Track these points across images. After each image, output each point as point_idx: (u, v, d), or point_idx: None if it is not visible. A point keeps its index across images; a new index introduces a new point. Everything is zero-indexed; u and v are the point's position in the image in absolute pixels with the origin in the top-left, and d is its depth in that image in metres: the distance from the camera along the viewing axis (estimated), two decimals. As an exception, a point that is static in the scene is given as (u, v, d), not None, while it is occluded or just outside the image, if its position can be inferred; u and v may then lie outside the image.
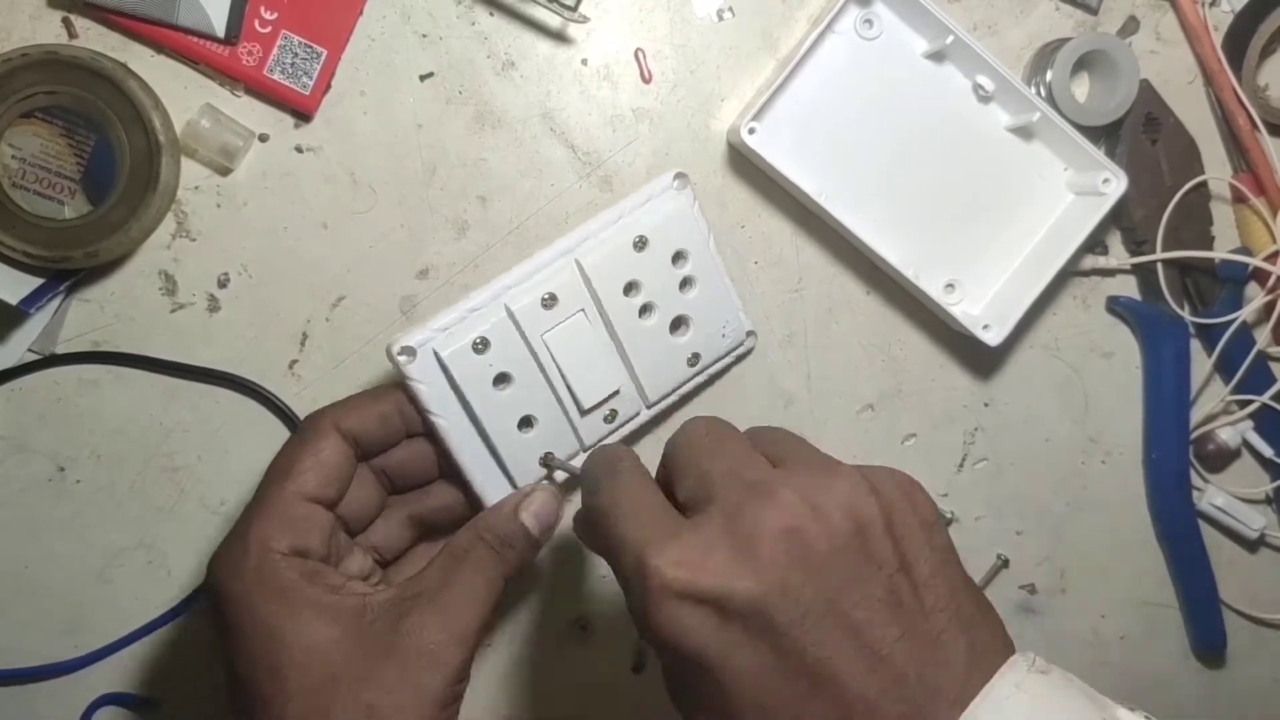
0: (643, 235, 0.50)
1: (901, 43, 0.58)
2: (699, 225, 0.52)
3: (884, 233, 0.57)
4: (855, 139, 0.58)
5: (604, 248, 0.50)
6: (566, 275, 0.49)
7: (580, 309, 0.49)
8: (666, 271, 0.51)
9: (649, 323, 0.51)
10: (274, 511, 0.45)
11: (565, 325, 0.49)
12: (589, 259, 0.49)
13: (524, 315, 0.49)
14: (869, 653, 0.35)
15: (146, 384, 0.57)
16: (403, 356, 0.47)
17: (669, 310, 0.52)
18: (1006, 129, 0.59)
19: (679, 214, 0.51)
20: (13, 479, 0.57)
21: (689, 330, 0.52)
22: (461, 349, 0.48)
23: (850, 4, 0.57)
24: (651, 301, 0.51)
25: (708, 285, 0.52)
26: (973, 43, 0.56)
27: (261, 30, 0.54)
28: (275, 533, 0.45)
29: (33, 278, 0.54)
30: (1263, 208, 0.61)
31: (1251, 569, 0.66)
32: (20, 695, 0.58)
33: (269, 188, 0.57)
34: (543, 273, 0.49)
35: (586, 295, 0.50)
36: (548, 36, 0.58)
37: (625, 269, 0.50)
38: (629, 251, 0.50)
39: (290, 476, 0.46)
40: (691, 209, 0.51)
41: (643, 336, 0.51)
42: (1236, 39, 0.61)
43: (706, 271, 0.52)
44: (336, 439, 0.47)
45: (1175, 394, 0.63)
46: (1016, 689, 0.35)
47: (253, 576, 0.44)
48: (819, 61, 0.57)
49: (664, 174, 0.52)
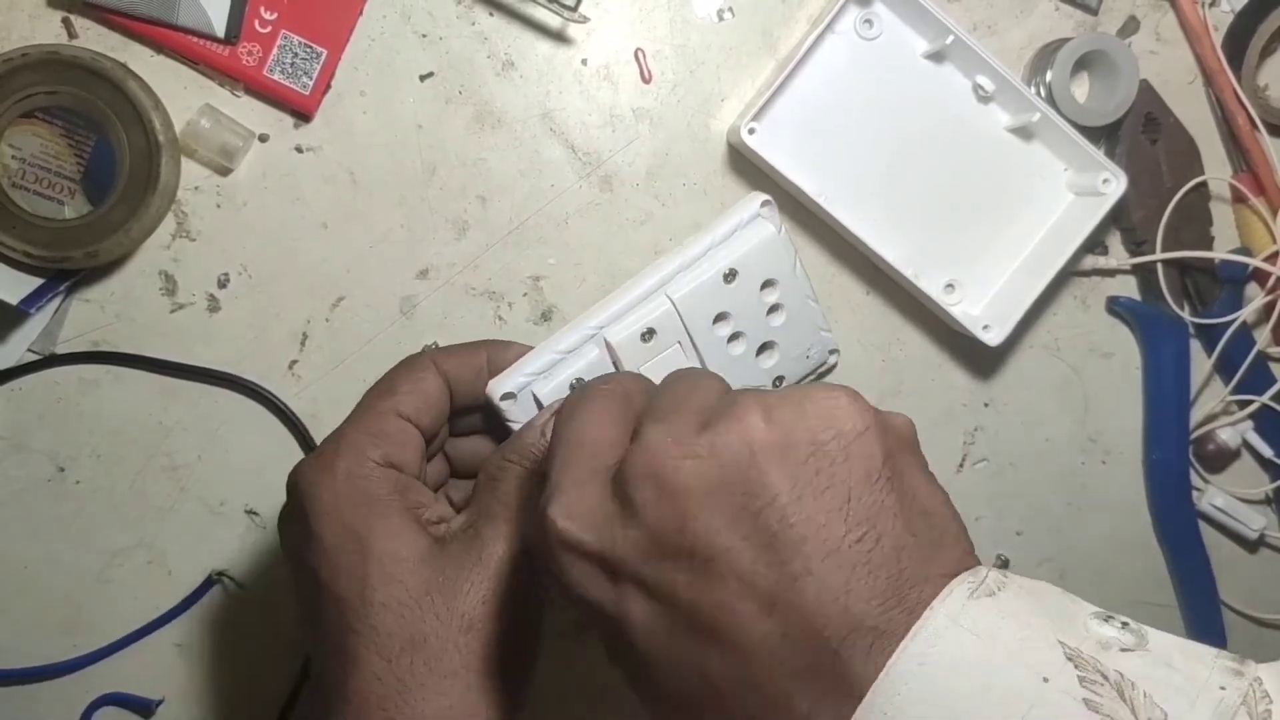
0: (733, 268, 0.50)
1: (901, 43, 0.58)
2: (787, 252, 0.52)
3: (883, 232, 0.57)
4: (855, 139, 0.58)
5: (695, 282, 0.50)
6: (662, 310, 0.50)
7: (676, 341, 0.50)
8: (755, 300, 0.52)
9: (737, 350, 0.52)
10: (371, 423, 0.45)
11: (662, 358, 0.50)
12: (680, 293, 0.50)
13: (623, 350, 0.49)
14: (762, 596, 0.31)
15: (146, 384, 0.57)
16: (504, 402, 0.48)
17: (757, 337, 0.53)
18: (1006, 129, 0.59)
19: (767, 243, 0.51)
20: (12, 479, 0.57)
21: (775, 354, 0.54)
22: (559, 391, 0.48)
23: (850, 4, 0.57)
24: (740, 330, 0.52)
25: (794, 310, 0.53)
26: (972, 43, 0.56)
27: (261, 30, 0.54)
28: (370, 442, 0.44)
29: (33, 278, 0.54)
30: (1262, 208, 0.61)
31: (1251, 569, 0.66)
32: (20, 695, 0.58)
33: (269, 188, 0.57)
34: (638, 309, 0.50)
35: (681, 328, 0.50)
36: (548, 36, 0.58)
37: (716, 301, 0.51)
38: (719, 284, 0.51)
39: (388, 395, 0.46)
40: (779, 236, 0.52)
41: (731, 364, 0.52)
42: (1236, 39, 0.61)
43: (793, 297, 0.53)
44: (435, 373, 0.47)
45: (1175, 394, 0.63)
46: (950, 623, 0.30)
47: (343, 483, 0.43)
48: (819, 62, 0.57)
49: (750, 199, 0.52)
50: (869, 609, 0.30)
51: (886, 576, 0.31)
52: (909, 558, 0.31)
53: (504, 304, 0.59)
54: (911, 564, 0.31)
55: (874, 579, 0.31)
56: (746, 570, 0.31)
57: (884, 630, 0.30)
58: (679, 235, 0.59)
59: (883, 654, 0.30)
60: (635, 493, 0.33)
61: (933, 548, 0.32)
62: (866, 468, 0.32)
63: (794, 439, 0.32)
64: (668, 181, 0.59)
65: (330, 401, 0.58)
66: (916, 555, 0.31)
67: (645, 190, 0.59)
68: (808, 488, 0.32)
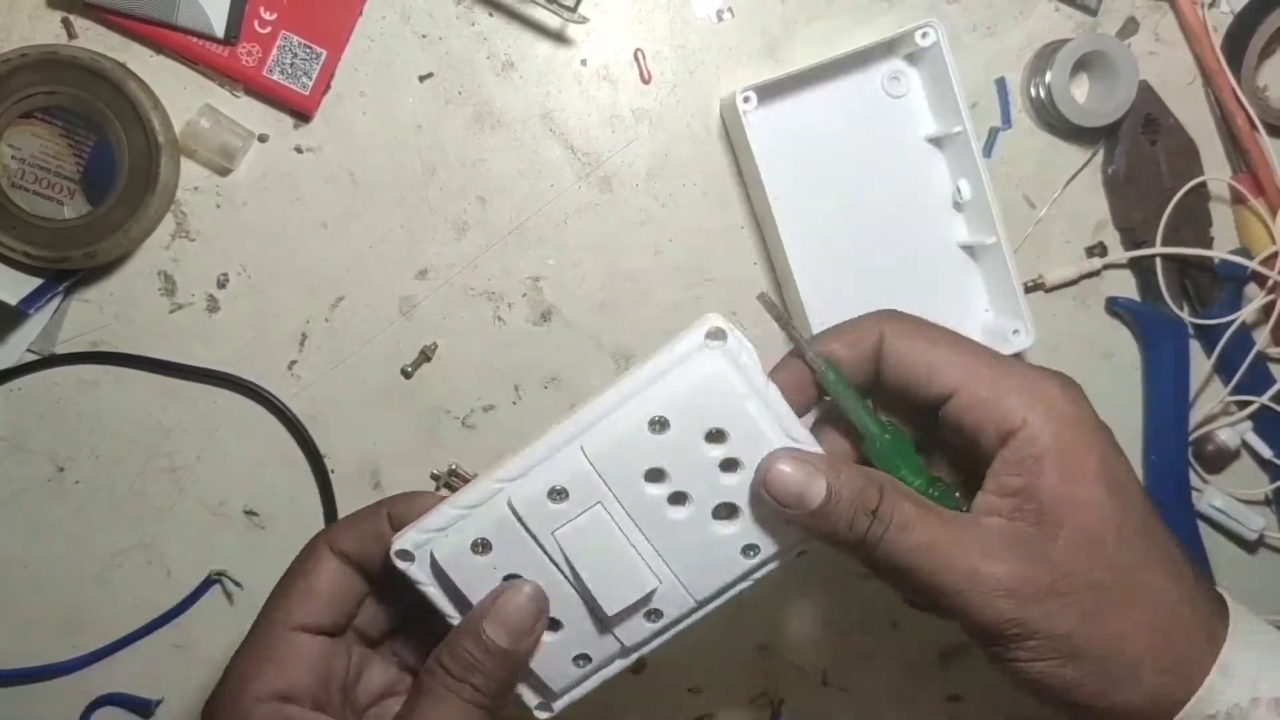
0: (661, 415, 0.40)
1: (914, 115, 0.59)
2: (738, 396, 0.40)
3: (809, 263, 0.57)
4: (829, 174, 0.58)
5: (613, 432, 0.41)
6: (574, 465, 0.41)
7: (596, 502, 0.41)
8: (698, 455, 0.41)
9: (681, 515, 0.42)
10: (256, 647, 0.42)
11: (579, 521, 0.41)
12: (594, 446, 0.41)
13: (529, 512, 0.41)
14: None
15: (146, 384, 0.57)
16: (402, 563, 0.42)
17: (708, 498, 0.41)
18: (960, 244, 0.60)
19: (710, 384, 0.40)
20: (12, 479, 0.57)
21: (739, 519, 0.42)
22: (459, 551, 0.42)
23: (898, 49, 0.58)
24: (683, 490, 0.41)
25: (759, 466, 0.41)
26: (974, 143, 0.56)
27: (261, 30, 0.54)
28: (254, 672, 0.41)
29: (32, 278, 0.54)
30: (1262, 208, 0.61)
31: (1251, 570, 0.66)
32: (20, 695, 0.58)
33: (268, 188, 0.57)
34: (547, 462, 0.41)
35: (601, 486, 0.41)
36: (547, 37, 0.58)
37: (643, 456, 0.41)
38: (645, 435, 0.40)
39: (278, 605, 0.42)
40: (728, 375, 0.40)
41: (675, 531, 0.42)
42: (1236, 40, 0.61)
43: (755, 451, 0.41)
44: (332, 561, 0.43)
45: (1174, 395, 0.63)
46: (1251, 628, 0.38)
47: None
48: (838, 88, 0.58)
49: (699, 323, 0.40)
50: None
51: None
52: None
53: (503, 304, 0.59)
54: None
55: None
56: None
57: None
58: (678, 236, 0.59)
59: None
60: None
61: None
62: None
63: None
64: (667, 182, 0.59)
65: (330, 401, 0.58)
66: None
67: (645, 191, 0.59)
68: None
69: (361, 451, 0.59)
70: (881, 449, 0.41)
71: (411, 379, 0.59)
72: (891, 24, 0.59)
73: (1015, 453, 0.39)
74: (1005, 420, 0.39)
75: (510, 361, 0.59)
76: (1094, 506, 0.38)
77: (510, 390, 0.59)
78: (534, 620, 0.41)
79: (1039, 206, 0.62)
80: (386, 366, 0.58)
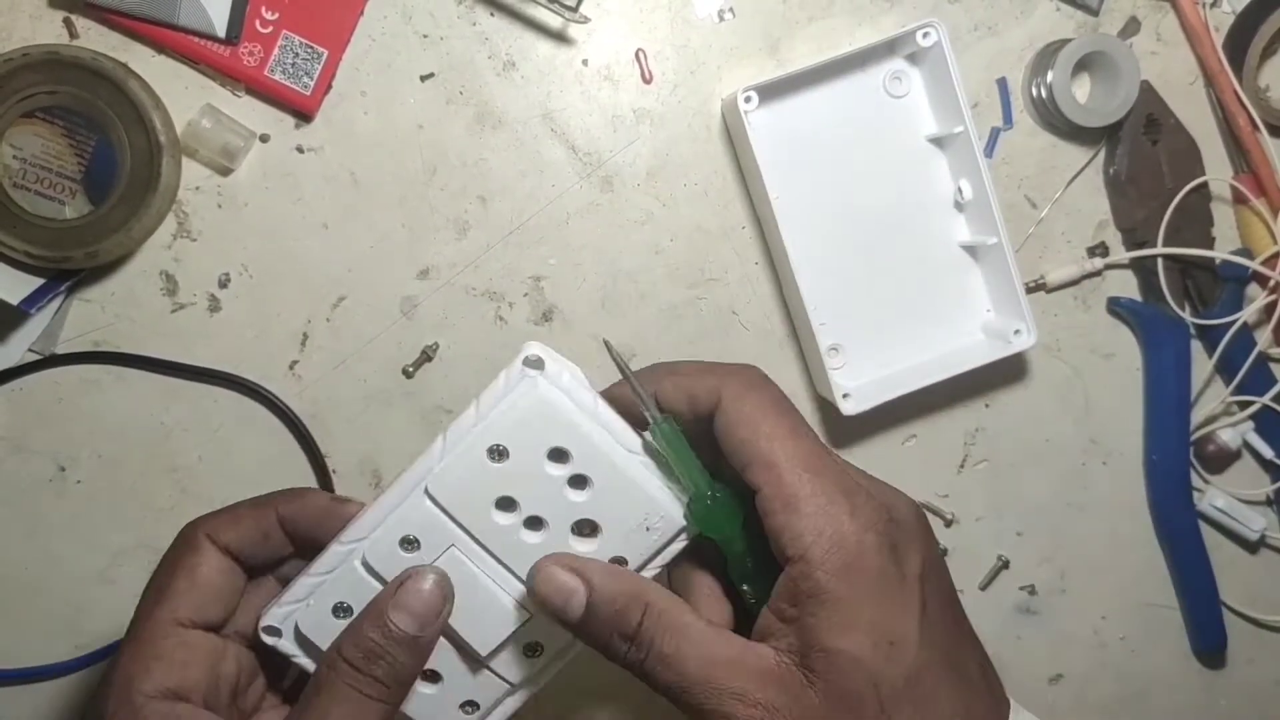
0: (497, 444, 0.41)
1: (916, 115, 0.59)
2: (569, 415, 0.41)
3: (809, 265, 0.57)
4: (829, 176, 0.59)
5: (454, 470, 0.41)
6: (421, 511, 0.41)
7: (449, 544, 0.41)
8: (544, 477, 0.41)
9: (538, 538, 0.42)
10: (142, 644, 0.40)
11: (440, 564, 0.42)
12: (439, 487, 0.41)
13: (384, 567, 0.41)
14: None
15: (147, 384, 0.57)
16: (269, 638, 0.42)
17: (564, 517, 0.42)
18: (961, 244, 0.60)
19: (540, 407, 0.41)
20: (13, 479, 0.57)
21: (600, 533, 0.42)
22: (321, 618, 0.42)
23: (899, 49, 0.58)
24: (537, 514, 0.42)
25: (606, 478, 0.42)
26: (975, 143, 0.56)
27: (262, 30, 0.54)
28: (142, 670, 0.39)
29: (33, 278, 0.54)
30: (1263, 209, 0.61)
31: (1252, 570, 0.66)
32: (20, 695, 0.58)
33: (270, 188, 0.57)
34: (395, 514, 0.41)
35: (451, 527, 0.41)
36: (548, 37, 0.58)
37: (488, 487, 0.41)
38: (486, 466, 0.41)
39: (161, 600, 0.40)
40: (554, 398, 0.41)
41: (538, 554, 0.42)
42: (1237, 40, 0.61)
43: (598, 464, 0.41)
44: (214, 553, 0.41)
45: (1176, 395, 0.63)
46: None
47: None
48: (838, 88, 0.58)
49: (517, 357, 0.41)
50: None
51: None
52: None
53: (504, 304, 0.59)
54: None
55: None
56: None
57: None
58: (679, 236, 0.59)
59: None
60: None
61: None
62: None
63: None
64: (668, 182, 0.59)
65: (331, 401, 0.58)
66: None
67: (646, 190, 0.59)
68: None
69: (363, 451, 0.59)
70: (703, 511, 0.40)
71: (413, 378, 0.59)
72: (893, 24, 0.59)
73: (792, 582, 0.37)
74: (790, 545, 0.37)
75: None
76: (855, 663, 0.36)
77: (511, 390, 0.59)
78: (441, 604, 0.40)
79: (1040, 206, 0.62)
80: (388, 366, 0.58)
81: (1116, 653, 0.66)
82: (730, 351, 0.60)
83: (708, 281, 0.60)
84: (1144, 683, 0.66)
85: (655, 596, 0.39)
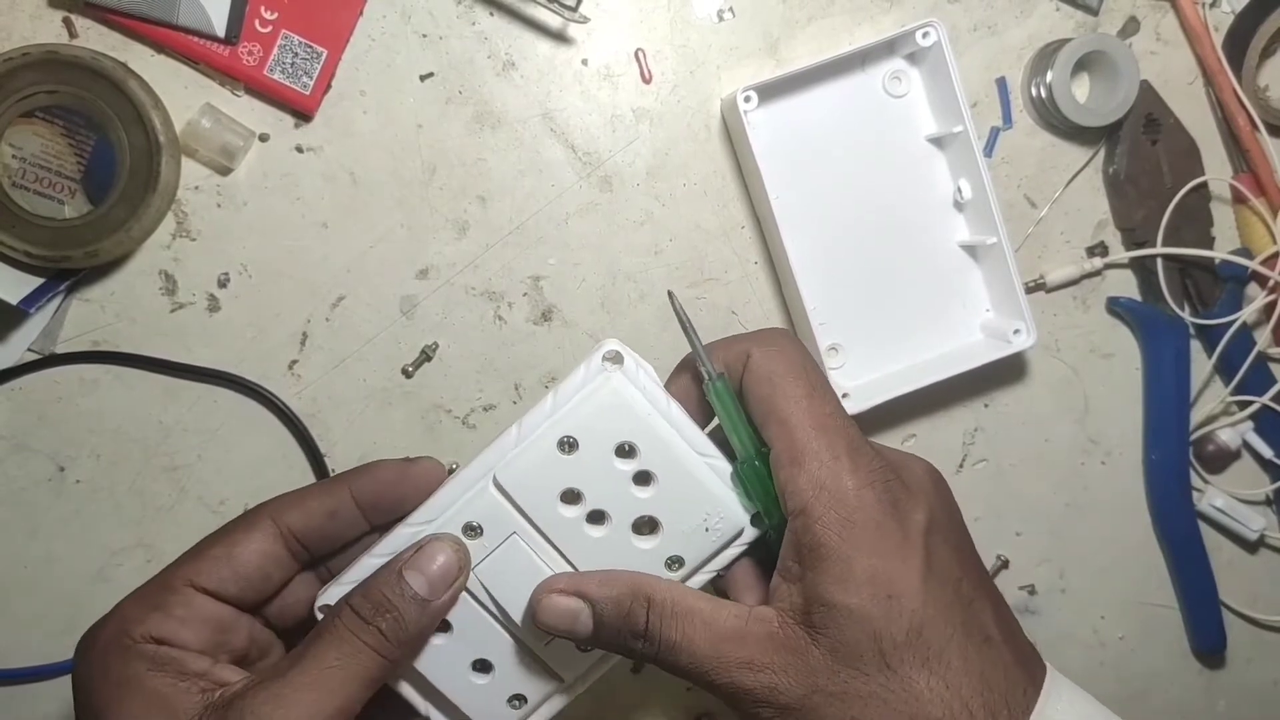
0: (569, 436, 0.42)
1: (915, 115, 0.59)
2: (642, 411, 0.42)
3: (808, 266, 0.57)
4: (829, 176, 0.59)
5: (524, 459, 0.42)
6: (486, 499, 0.42)
7: (511, 532, 0.42)
8: (610, 471, 0.42)
9: (600, 532, 0.42)
10: (151, 592, 0.40)
11: (496, 555, 0.42)
12: (508, 475, 0.41)
13: None
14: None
15: (146, 384, 0.57)
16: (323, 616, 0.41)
17: (626, 513, 0.42)
18: (960, 244, 0.60)
19: (614, 401, 0.42)
20: (13, 479, 0.57)
21: (660, 531, 0.43)
22: None
23: (899, 49, 0.58)
24: (601, 508, 0.42)
25: (671, 476, 0.42)
26: (975, 143, 0.56)
27: (262, 30, 0.54)
28: (139, 615, 0.39)
29: (33, 277, 0.54)
30: (1263, 208, 0.61)
31: (1251, 570, 0.66)
32: (20, 695, 0.58)
33: (269, 187, 0.57)
34: (461, 501, 0.42)
35: (516, 516, 0.42)
36: (548, 37, 0.58)
37: (556, 478, 0.42)
38: (556, 458, 0.42)
39: (186, 560, 0.40)
40: (629, 393, 0.42)
41: (596, 549, 0.42)
42: (1237, 40, 0.61)
43: (665, 461, 0.42)
44: (268, 535, 0.41)
45: (1175, 395, 0.63)
46: (1070, 706, 0.36)
47: (98, 658, 0.38)
48: (838, 88, 0.58)
49: (596, 352, 0.42)
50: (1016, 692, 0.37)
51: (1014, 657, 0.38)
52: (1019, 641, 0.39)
53: (504, 304, 0.59)
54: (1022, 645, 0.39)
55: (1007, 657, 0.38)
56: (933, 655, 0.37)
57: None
58: (678, 235, 0.59)
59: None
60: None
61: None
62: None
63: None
64: (668, 181, 0.59)
65: (330, 401, 0.58)
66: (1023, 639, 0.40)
67: (645, 190, 0.59)
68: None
69: (362, 451, 0.59)
70: (743, 472, 0.41)
71: (412, 378, 0.59)
72: (892, 23, 0.59)
73: (794, 536, 0.38)
74: (792, 499, 0.38)
75: (511, 361, 0.59)
76: (853, 616, 0.36)
77: (511, 389, 0.59)
78: (456, 573, 0.40)
79: (1040, 206, 0.62)
80: (387, 366, 0.58)
81: (1116, 652, 0.66)
82: (730, 351, 0.60)
83: (707, 281, 0.60)
84: (1143, 682, 0.66)
85: (655, 589, 0.39)
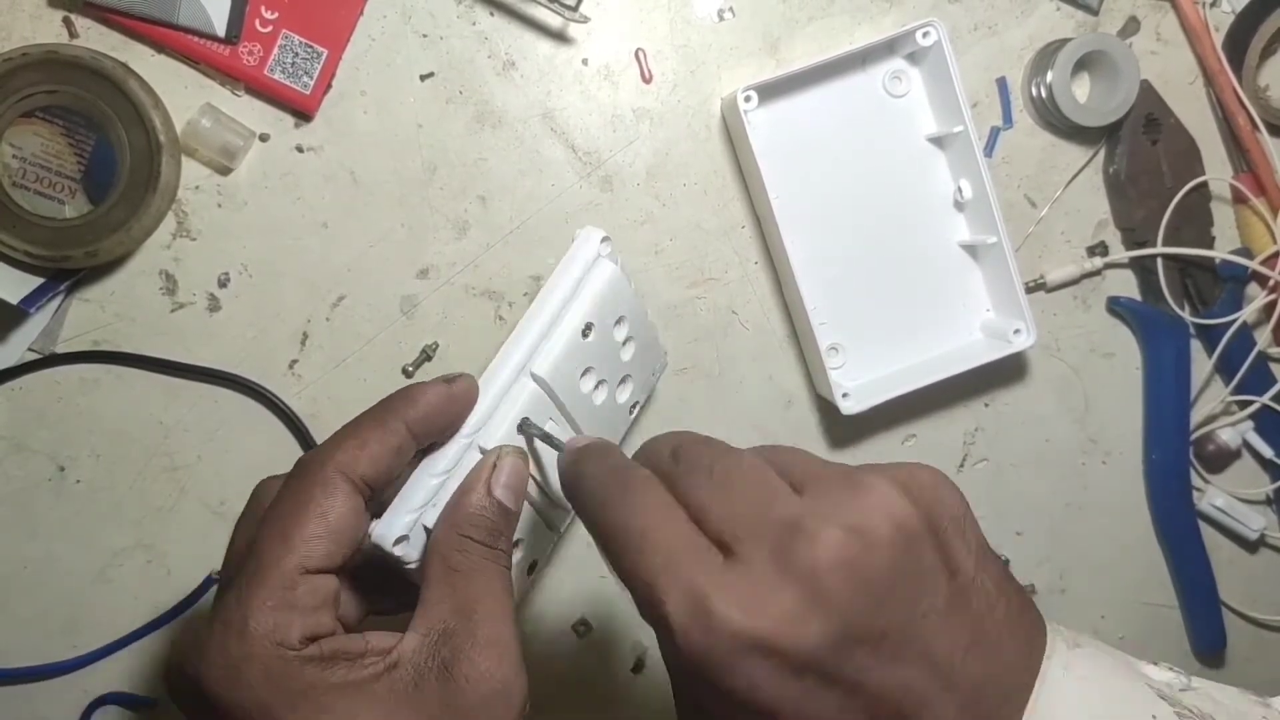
0: (588, 321, 0.46)
1: (916, 115, 0.59)
2: (628, 281, 0.48)
3: (809, 264, 0.57)
4: (829, 176, 0.59)
5: (555, 350, 0.45)
6: (529, 393, 0.44)
7: (549, 418, 0.45)
8: (611, 343, 0.49)
9: (601, 397, 0.49)
10: (277, 595, 0.37)
11: (538, 442, 0.45)
12: (544, 366, 0.44)
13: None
14: (942, 672, 0.32)
15: (146, 384, 0.57)
16: (399, 549, 0.40)
17: (616, 375, 0.50)
18: (960, 244, 0.60)
19: (613, 283, 0.47)
20: (13, 479, 0.57)
21: (630, 385, 0.51)
22: None
23: (899, 49, 0.58)
24: (602, 377, 0.48)
25: (641, 335, 0.50)
26: (975, 143, 0.56)
27: (262, 30, 0.54)
28: (282, 622, 0.36)
29: (33, 277, 0.54)
30: (1263, 208, 0.61)
31: (1251, 570, 0.66)
32: (20, 695, 0.58)
33: (269, 187, 0.57)
34: (504, 401, 0.44)
35: (549, 404, 0.45)
36: (548, 36, 0.58)
37: (578, 360, 0.46)
38: (579, 343, 0.46)
39: (292, 547, 0.37)
40: (619, 273, 0.47)
41: (597, 413, 0.49)
42: (1237, 40, 0.61)
43: (639, 324, 0.50)
44: (347, 492, 0.39)
45: (1175, 394, 0.63)
46: (1065, 671, 0.34)
47: (263, 683, 0.35)
48: (838, 88, 0.58)
49: (586, 237, 0.47)
50: (1017, 670, 0.33)
51: (1022, 637, 0.34)
52: (1023, 617, 0.35)
53: (504, 304, 0.59)
54: (1026, 622, 0.35)
55: (1014, 639, 0.34)
56: (934, 648, 0.32)
57: (1022, 692, 0.33)
58: (678, 235, 0.59)
59: (1020, 705, 0.33)
60: (828, 581, 0.31)
61: (1028, 600, 0.35)
62: (981, 541, 0.35)
63: (937, 514, 0.34)
64: (668, 181, 0.59)
65: (331, 401, 0.58)
66: (1028, 613, 0.35)
67: (645, 190, 0.59)
68: (971, 553, 0.34)
69: (362, 451, 0.59)
70: None
71: (412, 378, 0.59)
72: (892, 23, 0.59)
73: None
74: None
75: (511, 361, 0.59)
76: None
77: (511, 390, 0.59)
78: (526, 479, 0.42)
79: (1040, 206, 0.62)
80: (387, 366, 0.58)
81: (1116, 652, 0.66)
82: (730, 351, 0.60)
83: (707, 281, 0.60)
84: (1144, 682, 0.66)
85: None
